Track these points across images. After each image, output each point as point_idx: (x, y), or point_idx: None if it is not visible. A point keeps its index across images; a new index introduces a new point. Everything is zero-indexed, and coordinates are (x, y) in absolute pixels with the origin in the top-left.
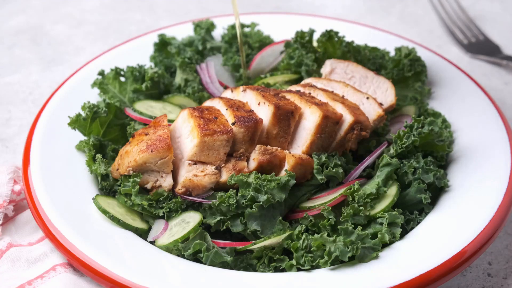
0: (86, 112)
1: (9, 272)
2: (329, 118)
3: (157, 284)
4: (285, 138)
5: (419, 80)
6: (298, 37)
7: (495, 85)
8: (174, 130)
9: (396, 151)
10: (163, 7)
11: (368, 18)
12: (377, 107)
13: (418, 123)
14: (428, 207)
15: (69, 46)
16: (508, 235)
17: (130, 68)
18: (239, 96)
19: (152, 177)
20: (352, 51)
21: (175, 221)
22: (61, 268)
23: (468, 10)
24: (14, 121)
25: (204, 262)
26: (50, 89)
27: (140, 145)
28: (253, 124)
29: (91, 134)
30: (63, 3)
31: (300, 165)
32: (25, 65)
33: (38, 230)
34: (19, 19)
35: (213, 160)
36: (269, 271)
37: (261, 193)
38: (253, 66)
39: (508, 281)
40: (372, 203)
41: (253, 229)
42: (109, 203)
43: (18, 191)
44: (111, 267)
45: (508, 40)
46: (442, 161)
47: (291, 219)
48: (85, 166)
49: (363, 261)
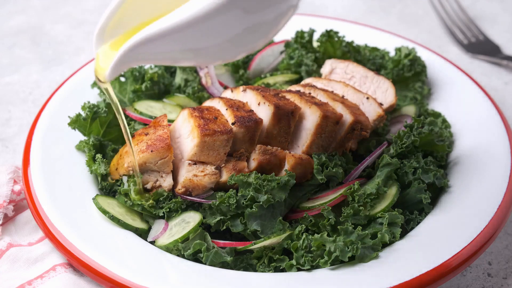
0: (86, 112)
1: (9, 272)
2: (329, 118)
3: (157, 284)
4: (285, 138)
5: (419, 80)
6: (298, 37)
7: (495, 85)
8: (174, 130)
9: (396, 151)
10: None
11: (368, 18)
12: (377, 107)
13: (418, 123)
14: (428, 207)
15: (69, 46)
16: (508, 235)
17: (130, 68)
18: (239, 96)
19: (152, 177)
20: (352, 51)
21: (175, 221)
22: (61, 268)
23: (468, 10)
24: (14, 121)
25: (204, 262)
26: (50, 89)
27: (140, 145)
28: (253, 124)
29: (91, 134)
30: (63, 3)
31: (300, 165)
32: (25, 65)
33: (38, 230)
34: (19, 19)
35: (213, 160)
36: (269, 271)
37: (261, 193)
38: (253, 66)
39: (508, 281)
40: (372, 203)
41: (253, 229)
42: (109, 203)
43: (18, 191)
44: (111, 267)
45: (508, 40)
46: (442, 161)
47: (291, 219)
48: (85, 166)
49: (363, 261)
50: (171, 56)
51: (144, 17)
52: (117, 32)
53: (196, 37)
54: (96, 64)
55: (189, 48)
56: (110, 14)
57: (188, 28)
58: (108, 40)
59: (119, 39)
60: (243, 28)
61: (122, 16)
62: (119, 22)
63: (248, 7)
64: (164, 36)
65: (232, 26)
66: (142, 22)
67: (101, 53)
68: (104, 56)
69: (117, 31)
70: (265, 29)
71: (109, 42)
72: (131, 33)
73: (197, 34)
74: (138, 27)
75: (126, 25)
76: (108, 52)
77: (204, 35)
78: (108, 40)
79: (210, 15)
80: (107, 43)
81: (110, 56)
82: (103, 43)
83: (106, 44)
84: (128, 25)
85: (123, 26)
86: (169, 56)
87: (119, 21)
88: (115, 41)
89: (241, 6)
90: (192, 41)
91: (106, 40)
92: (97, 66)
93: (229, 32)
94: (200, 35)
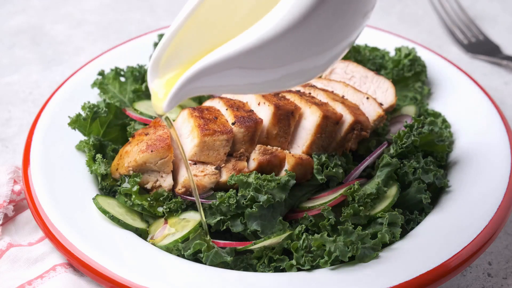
0: (86, 112)
1: (9, 272)
2: (329, 118)
3: (157, 284)
4: (285, 138)
5: (419, 80)
6: None
7: (495, 85)
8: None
9: (396, 151)
10: (163, 7)
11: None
12: (377, 107)
13: (418, 123)
14: (428, 207)
15: (69, 46)
16: (508, 235)
17: (130, 68)
18: (239, 96)
19: (152, 177)
20: (352, 51)
21: (175, 221)
22: (61, 268)
23: (468, 10)
24: (14, 121)
25: (204, 262)
26: (50, 89)
27: (140, 145)
28: (253, 124)
29: (91, 134)
30: (63, 3)
31: (300, 165)
32: (25, 65)
33: (38, 230)
34: (19, 19)
35: (213, 160)
36: (269, 271)
37: (261, 193)
38: None
39: (508, 281)
40: (372, 203)
41: (253, 229)
42: (109, 203)
43: (18, 191)
44: (111, 267)
45: (508, 40)
46: (442, 161)
47: (291, 219)
48: (85, 166)
49: (363, 261)
50: (232, 85)
51: (198, 49)
52: (171, 64)
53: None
54: (153, 98)
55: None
56: (164, 46)
57: (260, 49)
58: (162, 72)
59: (174, 72)
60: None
61: (176, 49)
62: (173, 54)
63: (337, 10)
64: (225, 63)
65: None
66: (197, 53)
67: (155, 87)
68: (159, 89)
69: (171, 63)
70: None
71: (163, 74)
72: (186, 65)
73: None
74: (195, 59)
75: (180, 57)
76: (163, 85)
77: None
78: (162, 72)
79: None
80: (161, 76)
81: (165, 88)
82: (157, 77)
83: (160, 77)
84: (182, 57)
85: (178, 58)
86: (230, 86)
87: (172, 53)
88: (169, 74)
89: (331, 8)
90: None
91: (160, 73)
92: (155, 99)
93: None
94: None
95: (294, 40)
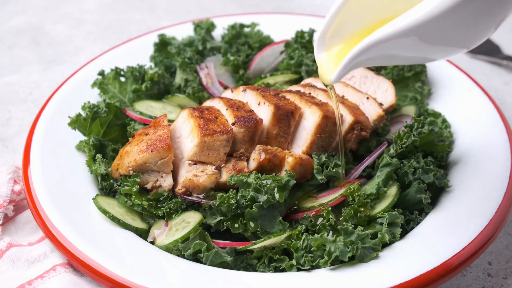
0: (86, 112)
1: (9, 272)
2: (329, 118)
3: (157, 284)
4: (285, 138)
5: (419, 80)
6: (298, 37)
7: (495, 85)
8: (174, 130)
9: (396, 151)
10: (163, 7)
11: None
12: (377, 107)
13: (418, 123)
14: (428, 207)
15: (69, 46)
16: (508, 235)
17: (130, 68)
18: (239, 96)
19: (152, 177)
20: None
21: (175, 221)
22: (61, 268)
23: None
24: (14, 121)
25: (204, 262)
26: (50, 89)
27: (140, 145)
28: (253, 124)
29: (91, 134)
30: (63, 3)
31: (300, 165)
32: (25, 65)
33: (38, 230)
34: (19, 19)
35: (213, 160)
36: (269, 271)
37: (261, 193)
38: (253, 66)
39: (508, 281)
40: (372, 203)
41: (253, 229)
42: (109, 203)
43: (18, 191)
44: (111, 267)
45: (508, 40)
46: (442, 161)
47: (291, 219)
48: (85, 166)
49: (363, 261)
50: (404, 54)
51: (363, 24)
52: (336, 39)
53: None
54: (320, 69)
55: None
56: (330, 21)
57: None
58: (327, 46)
59: (339, 46)
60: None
61: (340, 24)
62: (337, 30)
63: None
64: (404, 34)
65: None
66: (363, 28)
67: (322, 59)
68: (327, 62)
69: (336, 38)
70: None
71: (329, 48)
72: (351, 39)
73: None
74: (359, 33)
75: (343, 33)
76: (330, 57)
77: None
78: (327, 46)
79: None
80: (328, 49)
81: (333, 60)
82: (324, 50)
83: (327, 50)
84: (347, 31)
85: (343, 32)
86: (401, 55)
87: (337, 29)
88: (335, 47)
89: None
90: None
91: (326, 46)
92: (321, 71)
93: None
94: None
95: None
